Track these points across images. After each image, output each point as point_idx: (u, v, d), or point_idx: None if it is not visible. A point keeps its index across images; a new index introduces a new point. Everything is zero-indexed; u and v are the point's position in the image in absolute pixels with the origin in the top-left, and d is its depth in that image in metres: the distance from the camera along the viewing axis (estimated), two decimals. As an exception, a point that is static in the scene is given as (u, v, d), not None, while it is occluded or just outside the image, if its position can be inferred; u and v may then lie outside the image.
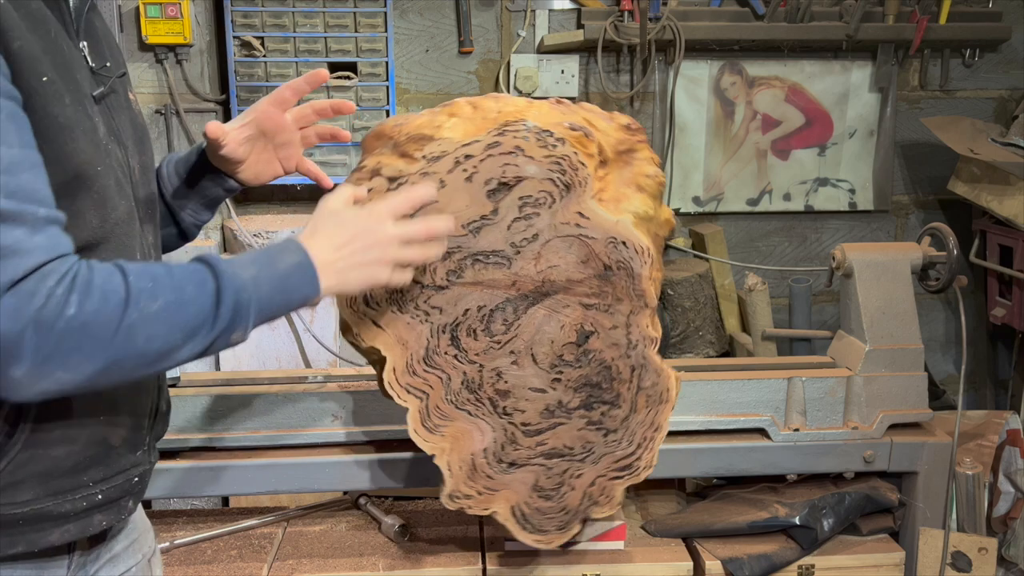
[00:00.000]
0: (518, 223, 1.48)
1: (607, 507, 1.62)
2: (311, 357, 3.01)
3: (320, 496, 2.18)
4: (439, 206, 1.42)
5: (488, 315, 1.50)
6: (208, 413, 1.83)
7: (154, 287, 0.99)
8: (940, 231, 2.07)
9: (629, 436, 1.59)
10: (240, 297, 1.05)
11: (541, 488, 1.58)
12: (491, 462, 1.55)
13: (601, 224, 1.49)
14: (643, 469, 1.61)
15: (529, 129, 1.45)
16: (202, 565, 1.85)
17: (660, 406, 1.58)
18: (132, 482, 1.19)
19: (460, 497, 1.55)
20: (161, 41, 3.06)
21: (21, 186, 0.94)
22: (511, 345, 1.52)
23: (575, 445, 1.57)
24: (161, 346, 1.00)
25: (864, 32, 3.33)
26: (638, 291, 1.52)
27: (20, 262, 0.92)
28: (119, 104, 1.19)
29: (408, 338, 1.49)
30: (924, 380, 2.00)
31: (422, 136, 1.45)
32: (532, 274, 1.50)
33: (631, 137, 1.58)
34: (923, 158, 3.64)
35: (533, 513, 1.59)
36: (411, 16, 3.33)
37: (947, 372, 3.77)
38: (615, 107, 3.43)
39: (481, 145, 1.44)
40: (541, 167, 1.46)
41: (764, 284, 3.25)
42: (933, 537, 1.98)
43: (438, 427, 1.52)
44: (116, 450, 1.16)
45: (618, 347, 1.54)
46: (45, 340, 0.92)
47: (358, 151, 3.17)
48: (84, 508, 1.12)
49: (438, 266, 1.47)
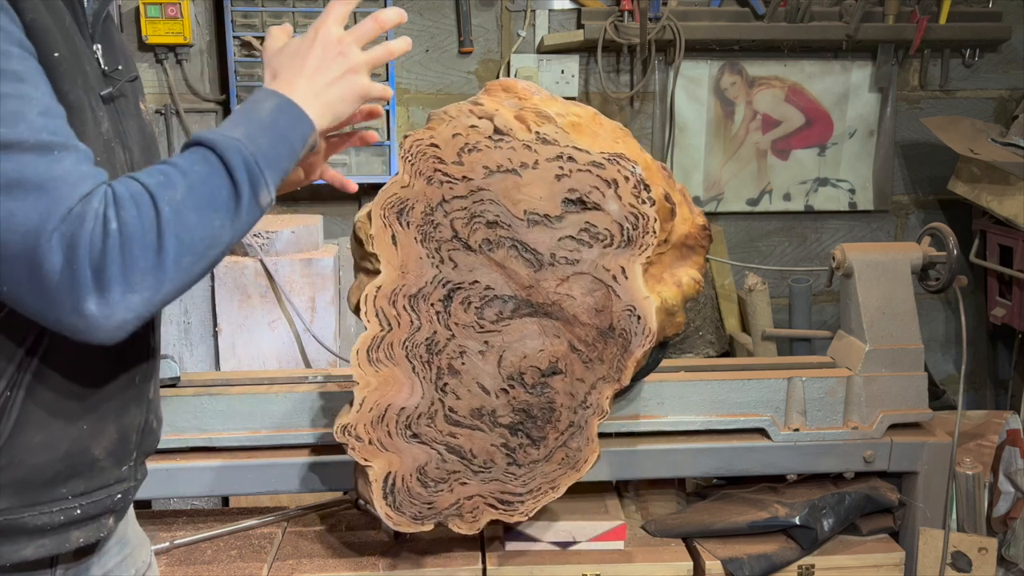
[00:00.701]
0: (569, 241, 1.50)
1: (466, 526, 1.62)
2: (311, 357, 3.01)
3: (320, 496, 2.17)
4: (520, 181, 1.47)
5: (490, 298, 1.51)
6: (208, 413, 1.83)
7: (167, 179, 0.97)
8: (940, 231, 2.07)
9: (528, 478, 1.59)
10: (245, 155, 1.01)
11: (424, 473, 1.57)
12: (400, 423, 1.54)
13: (633, 290, 1.51)
14: (518, 514, 1.61)
15: (634, 173, 1.48)
16: (202, 565, 1.85)
17: (570, 471, 1.60)
18: (115, 499, 1.15)
19: (352, 435, 1.52)
20: (161, 41, 3.06)
21: (60, 127, 0.95)
22: (490, 336, 1.53)
23: (479, 456, 1.58)
24: (203, 232, 0.97)
25: (864, 32, 3.33)
26: (621, 365, 1.54)
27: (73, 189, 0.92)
28: (128, 109, 1.19)
29: (411, 268, 1.49)
30: (924, 380, 2.00)
31: (546, 115, 1.48)
32: (550, 290, 1.52)
33: (700, 239, 1.66)
34: (923, 158, 3.64)
35: (403, 490, 1.57)
36: (411, 16, 3.33)
37: (947, 372, 3.78)
38: (615, 107, 3.44)
39: (589, 158, 1.47)
40: (621, 210, 1.49)
41: (764, 284, 3.26)
42: (933, 537, 1.98)
43: (379, 362, 1.51)
44: (99, 463, 1.11)
45: (573, 399, 1.56)
46: (100, 262, 0.91)
47: (357, 152, 3.17)
48: (61, 523, 1.07)
49: (480, 228, 1.48)
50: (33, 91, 0.94)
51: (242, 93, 3.16)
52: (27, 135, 0.91)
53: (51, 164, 0.91)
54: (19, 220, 0.89)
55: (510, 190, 1.48)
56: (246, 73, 3.16)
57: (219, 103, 3.22)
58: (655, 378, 1.90)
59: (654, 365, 1.76)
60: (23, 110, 0.92)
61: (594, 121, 1.55)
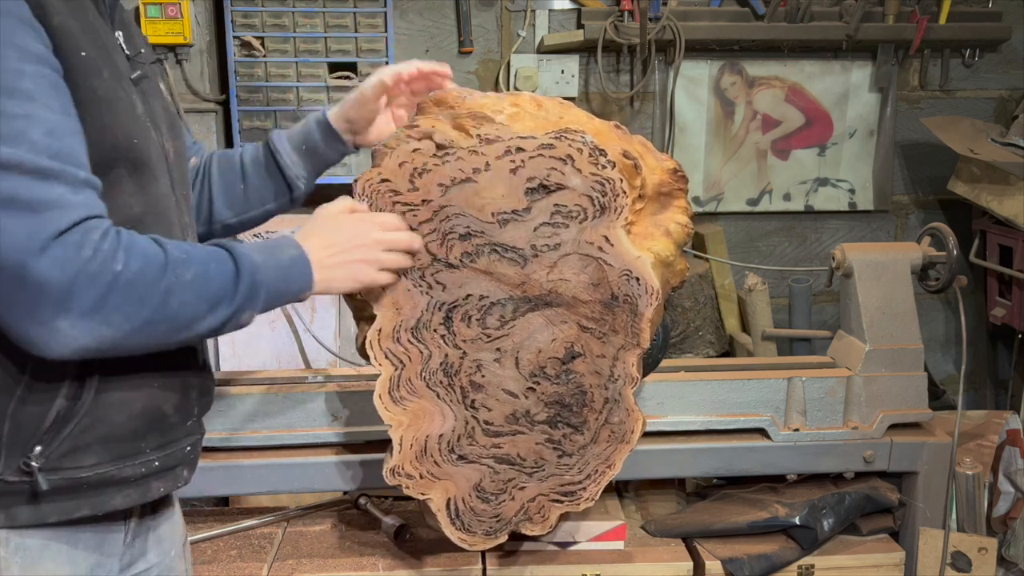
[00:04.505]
0: (545, 228, 1.48)
1: (538, 527, 1.61)
2: (311, 357, 3.01)
3: (320, 496, 2.18)
4: (478, 187, 1.45)
5: (488, 307, 1.50)
6: (208, 413, 1.82)
7: (187, 259, 1.08)
8: (940, 231, 2.07)
9: (582, 464, 1.58)
10: (255, 278, 1.14)
11: (482, 490, 1.57)
12: (443, 450, 1.54)
13: (623, 254, 1.49)
14: (584, 500, 1.60)
15: (586, 143, 1.46)
16: (202, 565, 1.85)
17: (620, 445, 1.58)
18: (185, 451, 1.25)
19: (402, 475, 1.53)
20: (161, 41, 3.06)
21: (63, 149, 1.00)
22: (500, 343, 1.52)
23: (528, 458, 1.57)
24: (190, 313, 1.08)
25: (864, 32, 3.33)
26: (635, 329, 1.53)
27: (63, 215, 0.98)
28: (153, 90, 1.24)
29: (404, 304, 1.49)
30: (924, 380, 2.00)
31: (483, 116, 1.46)
32: (542, 281, 1.50)
33: (674, 182, 1.61)
34: (923, 158, 3.64)
35: (467, 511, 1.58)
36: (411, 16, 3.33)
37: (947, 372, 3.77)
38: (615, 107, 3.44)
39: (536, 143, 1.45)
40: (585, 182, 1.47)
41: (764, 284, 3.25)
42: (933, 537, 1.98)
43: (403, 399, 1.51)
44: (169, 419, 1.21)
45: (600, 376, 1.55)
46: (93, 293, 0.99)
47: (357, 153, 3.16)
48: (143, 474, 1.18)
49: (455, 244, 1.47)
50: (41, 110, 0.99)
51: (242, 93, 3.16)
52: (27, 157, 0.97)
53: (46, 189, 0.97)
54: (7, 235, 0.96)
55: (471, 198, 1.46)
56: (246, 73, 3.15)
57: (219, 103, 3.22)
58: (655, 378, 1.91)
59: (654, 365, 1.76)
60: (27, 130, 0.97)
61: (533, 105, 1.52)
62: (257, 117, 3.19)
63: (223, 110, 3.23)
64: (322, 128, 1.53)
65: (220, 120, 3.24)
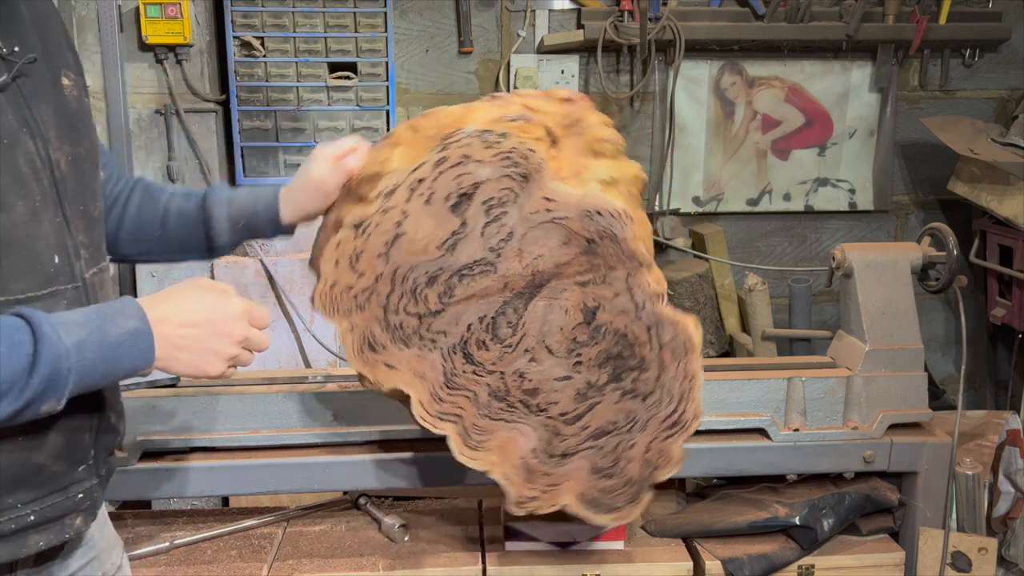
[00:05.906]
0: (490, 227, 1.48)
1: (669, 467, 1.60)
2: (311, 357, 3.01)
3: (320, 496, 2.18)
4: (410, 235, 1.44)
5: (491, 323, 1.50)
6: (208, 413, 1.83)
7: None
8: (940, 231, 2.07)
9: (667, 394, 1.57)
10: (58, 366, 0.98)
11: (600, 469, 1.57)
12: (543, 460, 1.55)
13: (569, 201, 1.49)
14: (692, 421, 1.59)
15: (469, 135, 1.45)
16: (202, 565, 1.85)
17: (687, 356, 1.57)
18: (75, 499, 1.14)
19: (526, 501, 1.54)
20: (161, 41, 3.06)
21: None
22: (523, 344, 1.52)
23: (618, 418, 1.56)
24: None
25: (864, 32, 3.33)
26: (627, 253, 1.52)
27: None
28: (37, 92, 1.09)
29: (423, 369, 1.49)
30: (924, 380, 2.00)
31: (372, 175, 1.45)
32: (519, 271, 1.50)
33: (574, 107, 1.56)
34: (923, 158, 3.64)
35: (600, 495, 1.58)
36: (411, 16, 3.34)
37: (947, 372, 3.78)
38: (615, 107, 3.44)
39: (428, 166, 1.44)
40: (493, 167, 1.46)
41: (764, 284, 3.25)
42: (933, 537, 1.98)
43: (481, 443, 1.52)
44: (47, 469, 1.10)
45: (627, 313, 1.54)
46: None
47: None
48: (13, 530, 1.07)
49: (427, 292, 1.47)
50: None
51: (242, 93, 3.16)
52: None
53: None
54: None
55: (411, 247, 1.45)
56: (246, 73, 3.16)
57: (219, 103, 3.22)
58: (655, 378, 1.90)
59: None
60: None
61: (409, 132, 1.49)
62: (257, 117, 3.19)
63: (223, 110, 3.23)
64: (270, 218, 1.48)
65: (220, 120, 3.24)
